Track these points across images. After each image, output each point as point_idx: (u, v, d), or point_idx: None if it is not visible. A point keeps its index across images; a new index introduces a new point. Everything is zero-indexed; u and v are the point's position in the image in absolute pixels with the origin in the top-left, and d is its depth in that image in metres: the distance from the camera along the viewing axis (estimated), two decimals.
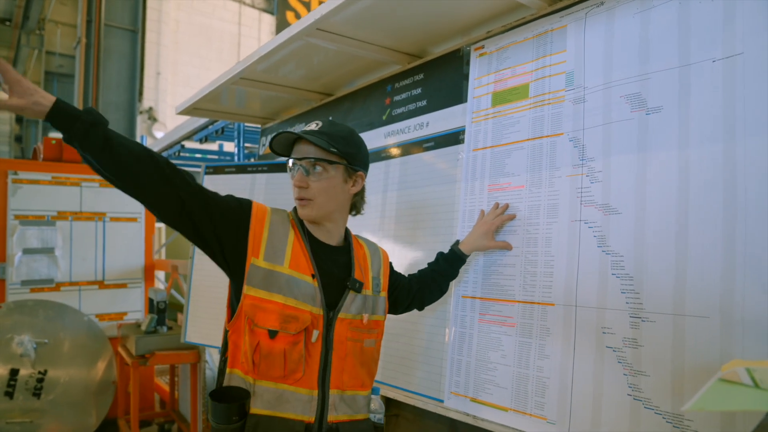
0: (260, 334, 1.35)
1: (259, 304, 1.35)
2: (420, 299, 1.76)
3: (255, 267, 1.36)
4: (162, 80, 9.65)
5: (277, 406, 1.35)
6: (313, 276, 1.41)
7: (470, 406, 1.80)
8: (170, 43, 9.94)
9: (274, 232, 1.42)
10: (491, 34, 1.98)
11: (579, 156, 1.63)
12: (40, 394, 3.89)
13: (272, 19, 11.63)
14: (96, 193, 4.51)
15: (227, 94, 2.97)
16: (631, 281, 1.45)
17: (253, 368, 1.36)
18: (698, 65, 1.40)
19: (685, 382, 1.32)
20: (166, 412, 4.59)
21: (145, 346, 3.67)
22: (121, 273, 4.60)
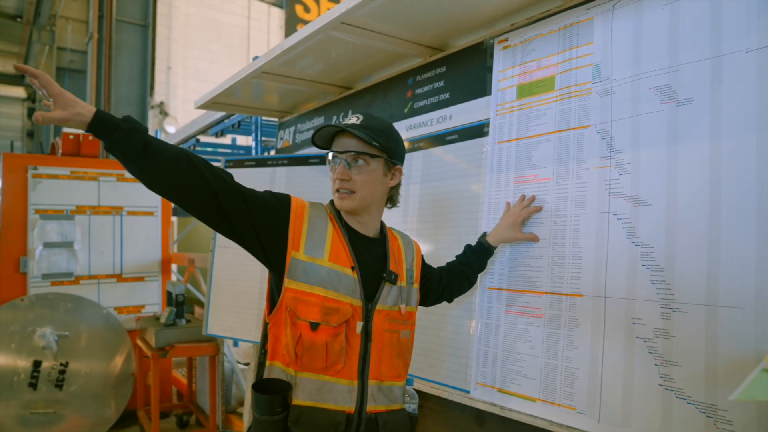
0: (302, 327, 1.37)
1: (301, 296, 1.37)
2: (450, 291, 1.77)
3: (295, 260, 1.38)
4: (173, 74, 9.68)
5: (319, 397, 1.37)
6: (352, 268, 1.43)
7: (497, 396, 1.82)
8: (180, 37, 9.96)
9: (313, 225, 1.43)
10: (515, 26, 1.98)
11: (607, 148, 1.63)
12: (62, 386, 3.95)
13: (281, 13, 11.61)
14: (113, 187, 4.55)
15: (247, 88, 2.99)
16: (661, 272, 1.46)
17: (296, 360, 1.38)
18: (731, 56, 1.39)
19: (718, 372, 1.32)
20: (184, 403, 4.65)
21: (164, 339, 3.71)
22: (139, 266, 4.65)
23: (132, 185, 4.62)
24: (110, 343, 4.21)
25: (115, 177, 4.56)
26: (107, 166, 4.56)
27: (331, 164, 1.48)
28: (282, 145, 3.43)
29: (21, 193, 4.22)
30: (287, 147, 3.38)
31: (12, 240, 4.18)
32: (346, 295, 1.40)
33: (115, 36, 8.27)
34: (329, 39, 2.23)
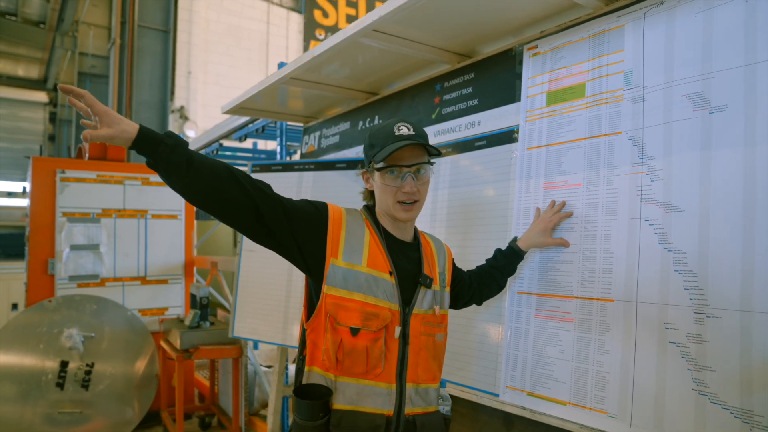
0: (342, 332, 1.39)
1: (341, 302, 1.40)
2: (479, 294, 1.79)
3: (334, 267, 1.41)
4: (193, 79, 9.81)
5: (359, 401, 1.40)
6: (390, 273, 1.45)
7: (527, 400, 1.84)
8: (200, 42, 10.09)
9: (350, 232, 1.46)
10: (545, 33, 2.00)
11: (638, 154, 1.65)
12: (88, 386, 4.02)
13: (300, 18, 11.72)
14: (138, 190, 4.63)
15: (273, 94, 3.04)
16: (695, 278, 1.47)
17: (336, 365, 1.40)
18: (765, 63, 1.41)
19: (753, 378, 1.33)
20: (206, 405, 4.70)
21: (189, 341, 3.77)
22: (162, 269, 4.72)
23: (156, 189, 4.69)
24: (134, 344, 4.28)
25: (140, 181, 4.64)
26: (133, 170, 4.65)
27: (390, 176, 1.45)
28: (307, 150, 3.47)
29: (49, 196, 4.31)
30: (312, 152, 3.42)
31: (40, 242, 4.27)
32: (385, 300, 1.43)
33: (136, 41, 8.41)
34: (357, 45, 2.27)
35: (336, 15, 12.08)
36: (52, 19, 12.31)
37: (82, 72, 10.63)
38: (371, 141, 1.50)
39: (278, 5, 11.37)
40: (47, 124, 15.61)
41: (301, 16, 11.65)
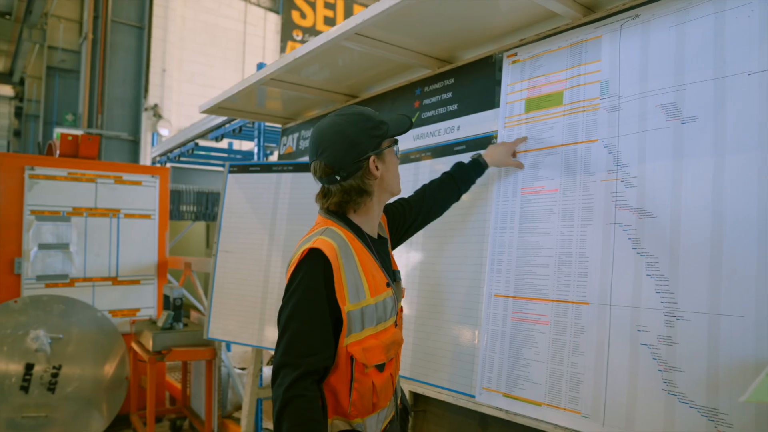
0: (372, 374, 1.35)
1: (364, 344, 1.34)
2: (434, 210, 1.83)
3: (350, 314, 1.33)
4: (167, 77, 9.67)
5: (382, 425, 1.42)
6: (387, 284, 1.45)
7: (503, 401, 1.87)
8: (176, 40, 9.96)
9: (347, 268, 1.35)
10: (524, 42, 2.05)
11: (614, 162, 1.70)
12: (54, 389, 3.93)
13: (278, 18, 11.66)
14: (111, 189, 4.55)
15: (252, 94, 3.02)
16: (666, 282, 1.52)
17: (371, 408, 1.36)
18: (734, 78, 1.47)
19: (719, 378, 1.39)
20: (178, 408, 4.64)
21: (162, 342, 3.72)
22: (135, 269, 4.65)
23: (130, 187, 4.62)
24: (104, 346, 4.20)
25: (112, 179, 4.56)
26: (105, 168, 4.57)
27: (395, 150, 1.51)
28: (285, 151, 3.46)
29: (17, 193, 4.21)
30: (290, 153, 3.42)
31: (7, 241, 4.17)
32: (391, 318, 1.44)
33: (110, 37, 8.26)
34: (339, 48, 2.28)
35: (314, 16, 12.07)
36: (19, 11, 12.00)
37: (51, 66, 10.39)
38: (375, 121, 1.42)
39: (256, 5, 11.30)
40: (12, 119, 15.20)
41: (279, 16, 11.60)
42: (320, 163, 1.40)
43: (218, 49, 10.70)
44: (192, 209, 5.89)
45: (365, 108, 1.48)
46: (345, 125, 1.40)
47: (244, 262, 3.00)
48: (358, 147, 1.39)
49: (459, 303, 2.09)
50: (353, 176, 1.40)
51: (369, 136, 1.40)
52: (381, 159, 1.43)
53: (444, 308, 2.14)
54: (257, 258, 2.95)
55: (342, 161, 1.38)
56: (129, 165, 4.76)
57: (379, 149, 1.42)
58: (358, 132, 1.39)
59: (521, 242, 1.91)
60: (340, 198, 1.42)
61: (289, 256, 2.84)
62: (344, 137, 1.38)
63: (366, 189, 1.41)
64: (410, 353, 2.22)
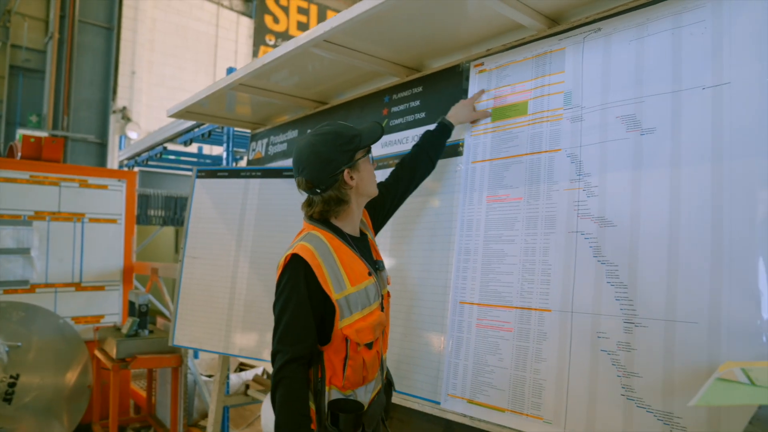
0: (363, 352, 1.56)
1: (355, 326, 1.54)
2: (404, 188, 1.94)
3: (339, 301, 1.53)
4: (137, 79, 9.49)
5: (371, 396, 1.62)
6: (369, 273, 1.62)
7: (467, 407, 1.88)
8: (146, 42, 9.79)
9: (326, 263, 1.53)
10: (491, 52, 2.08)
11: (576, 171, 1.74)
12: (11, 400, 3.80)
13: (250, 23, 11.58)
14: (75, 193, 4.44)
15: (221, 99, 3.00)
16: (625, 289, 1.56)
17: (361, 381, 1.57)
18: (689, 91, 1.52)
19: (675, 382, 1.42)
20: (142, 417, 4.54)
21: (126, 350, 3.64)
22: (99, 275, 4.54)
23: (95, 191, 4.52)
24: (66, 354, 4.09)
25: (77, 183, 4.46)
26: (69, 171, 4.46)
27: (370, 157, 1.67)
28: (254, 156, 3.44)
29: None
30: (259, 159, 3.40)
31: None
32: (375, 302, 1.61)
33: (77, 37, 8.08)
34: (308, 54, 2.28)
35: (287, 21, 12.01)
36: None
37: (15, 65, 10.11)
38: (347, 137, 1.59)
39: (228, 8, 11.20)
40: None
41: (251, 20, 11.52)
42: (302, 180, 1.60)
43: (189, 52, 10.56)
44: (160, 214, 5.80)
45: (339, 124, 1.64)
46: (319, 145, 1.58)
47: (210, 268, 2.97)
48: (332, 163, 1.57)
49: (425, 310, 2.10)
50: (331, 188, 1.58)
51: (341, 151, 1.58)
52: (355, 169, 1.60)
53: (411, 315, 2.15)
54: (224, 264, 2.91)
55: (319, 177, 1.57)
56: (95, 168, 4.66)
57: (352, 161, 1.59)
58: (331, 150, 1.57)
59: (486, 250, 1.93)
60: (322, 207, 1.61)
61: (257, 261, 2.83)
62: (319, 156, 1.57)
63: (343, 198, 1.60)
64: None
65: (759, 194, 1.36)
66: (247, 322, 2.81)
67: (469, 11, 1.89)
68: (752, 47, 1.43)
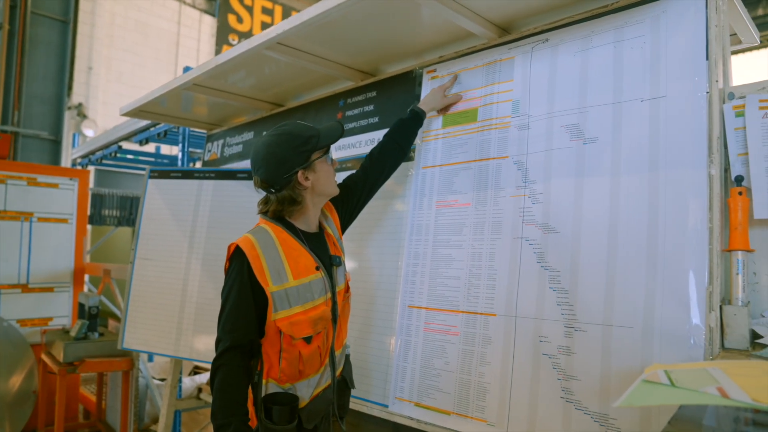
0: (299, 345, 1.54)
1: (292, 319, 1.53)
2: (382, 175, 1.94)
3: (273, 294, 1.53)
4: (94, 75, 9.21)
5: (313, 391, 1.60)
6: (317, 268, 1.61)
7: (414, 410, 1.90)
8: (104, 37, 9.51)
9: (268, 256, 1.55)
10: (443, 59, 2.11)
11: (522, 178, 1.77)
12: None
13: (213, 21, 11.38)
14: (24, 191, 4.29)
15: (176, 99, 2.95)
16: (566, 294, 1.60)
17: (298, 375, 1.56)
18: (629, 103, 1.57)
19: (611, 385, 1.47)
20: (92, 422, 4.41)
21: (74, 353, 3.53)
22: (48, 276, 4.39)
23: (45, 190, 4.38)
24: (10, 358, 3.94)
25: (25, 181, 4.31)
26: (17, 169, 4.31)
27: (328, 157, 1.67)
28: (209, 157, 3.39)
29: None
30: (215, 160, 3.35)
31: None
32: (321, 297, 1.60)
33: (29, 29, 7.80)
34: (263, 57, 2.27)
35: (251, 21, 11.86)
36: None
37: None
38: (303, 138, 1.59)
39: (191, 6, 10.99)
40: None
41: (215, 19, 11.34)
42: (257, 179, 1.62)
43: (150, 49, 10.31)
44: (115, 214, 5.64)
45: (297, 124, 1.64)
46: (275, 145, 1.59)
47: (162, 269, 2.91)
48: (287, 164, 1.57)
49: (377, 314, 2.11)
50: (286, 188, 1.59)
51: (296, 153, 1.58)
52: (311, 170, 1.61)
53: (361, 319, 2.15)
54: (176, 266, 2.86)
55: (273, 177, 1.58)
56: (45, 166, 4.51)
57: (308, 162, 1.60)
58: (286, 151, 1.58)
59: (435, 254, 1.95)
60: (276, 207, 1.62)
61: (209, 263, 2.79)
62: (274, 156, 1.58)
63: (297, 199, 1.60)
64: None
65: (690, 204, 1.42)
66: (198, 324, 2.77)
67: (423, 18, 1.91)
68: (686, 63, 1.49)
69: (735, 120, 1.45)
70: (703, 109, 1.44)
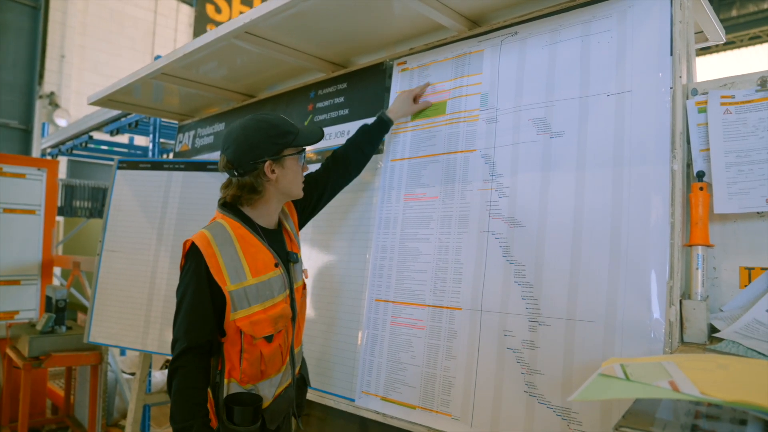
0: (260, 345, 1.51)
1: (252, 318, 1.49)
2: (345, 178, 1.92)
3: (231, 293, 1.48)
4: (66, 64, 8.99)
5: (276, 389, 1.58)
6: (276, 265, 1.57)
7: (380, 404, 1.89)
8: (78, 24, 9.29)
9: (225, 253, 1.50)
10: (414, 51, 2.09)
11: (489, 172, 1.77)
12: None
13: (191, 11, 11.20)
14: None
15: (145, 88, 2.89)
16: (531, 289, 1.60)
17: (260, 375, 1.53)
18: (595, 97, 1.57)
19: (573, 379, 1.47)
20: (60, 417, 4.32)
21: (39, 347, 3.45)
22: (14, 269, 4.29)
23: (11, 180, 4.26)
24: None
25: None
26: None
27: (300, 158, 1.62)
28: (180, 148, 3.33)
29: None
30: (186, 151, 3.29)
31: None
32: (280, 294, 1.57)
33: None
34: (233, 47, 2.23)
35: (229, 11, 11.70)
36: None
37: None
38: (281, 130, 1.55)
39: None
40: None
41: (192, 8, 11.16)
42: (224, 158, 1.56)
43: (125, 38, 10.11)
44: (86, 205, 5.52)
45: (280, 117, 1.61)
46: (250, 129, 1.55)
47: (130, 262, 2.85)
48: (257, 150, 1.53)
49: (344, 307, 2.09)
50: (249, 174, 1.54)
51: (270, 142, 1.54)
52: (279, 164, 1.56)
53: (328, 312, 2.13)
54: (144, 258, 2.81)
55: (240, 160, 1.53)
56: (11, 156, 4.38)
57: (278, 156, 1.55)
58: (260, 137, 1.54)
59: (402, 248, 1.94)
60: (235, 191, 1.56)
61: (177, 256, 2.74)
62: (246, 139, 1.54)
63: (258, 188, 1.55)
64: None
65: (653, 199, 1.43)
66: (166, 318, 2.72)
67: (394, 10, 1.89)
68: (651, 59, 1.49)
69: (698, 116, 1.45)
70: (666, 105, 1.45)
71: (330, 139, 2.32)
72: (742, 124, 1.39)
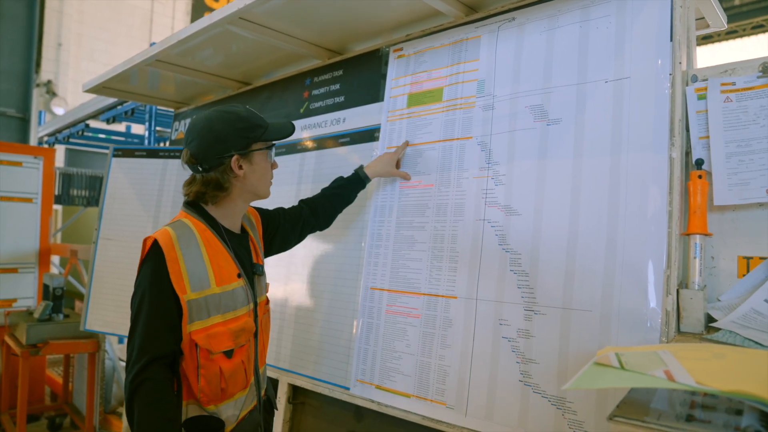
0: (219, 360, 1.38)
1: (209, 331, 1.37)
2: (312, 224, 1.85)
3: (189, 303, 1.35)
4: (63, 52, 8.93)
5: (240, 413, 1.45)
6: (238, 275, 1.46)
7: (375, 393, 1.88)
8: (75, 12, 9.21)
9: (188, 257, 1.37)
10: (410, 37, 2.06)
11: (486, 159, 1.75)
12: None
13: None
14: None
15: (140, 75, 2.86)
16: (526, 277, 1.58)
17: (221, 394, 1.39)
18: (593, 84, 1.55)
19: (568, 368, 1.46)
20: (58, 404, 4.34)
21: (37, 335, 3.46)
22: (12, 257, 4.28)
23: (8, 168, 4.25)
24: None
25: None
26: None
27: (269, 153, 1.54)
28: (176, 136, 3.31)
29: None
30: (182, 139, 3.27)
31: None
32: (243, 307, 1.46)
33: None
34: (228, 33, 2.20)
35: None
36: None
37: None
38: (250, 123, 1.46)
39: None
40: None
41: None
42: (187, 152, 1.46)
43: (122, 26, 10.03)
44: (84, 194, 5.50)
45: (246, 109, 1.51)
46: (216, 121, 1.45)
47: (125, 250, 2.85)
48: (223, 144, 1.44)
49: (338, 296, 2.08)
50: (215, 170, 1.44)
51: (238, 136, 1.45)
52: (247, 159, 1.47)
53: (324, 301, 2.12)
54: (139, 246, 2.78)
55: (205, 154, 1.43)
56: (7, 144, 4.35)
57: (246, 150, 1.47)
58: (226, 130, 1.44)
59: (397, 236, 1.92)
60: (199, 188, 1.46)
61: None
62: (211, 132, 1.44)
63: (223, 185, 1.45)
64: (290, 345, 2.20)
65: (651, 188, 1.41)
66: None
67: None
68: (650, 45, 1.46)
69: (697, 103, 1.43)
70: (666, 91, 1.42)
71: (326, 126, 2.30)
72: (743, 112, 1.36)
